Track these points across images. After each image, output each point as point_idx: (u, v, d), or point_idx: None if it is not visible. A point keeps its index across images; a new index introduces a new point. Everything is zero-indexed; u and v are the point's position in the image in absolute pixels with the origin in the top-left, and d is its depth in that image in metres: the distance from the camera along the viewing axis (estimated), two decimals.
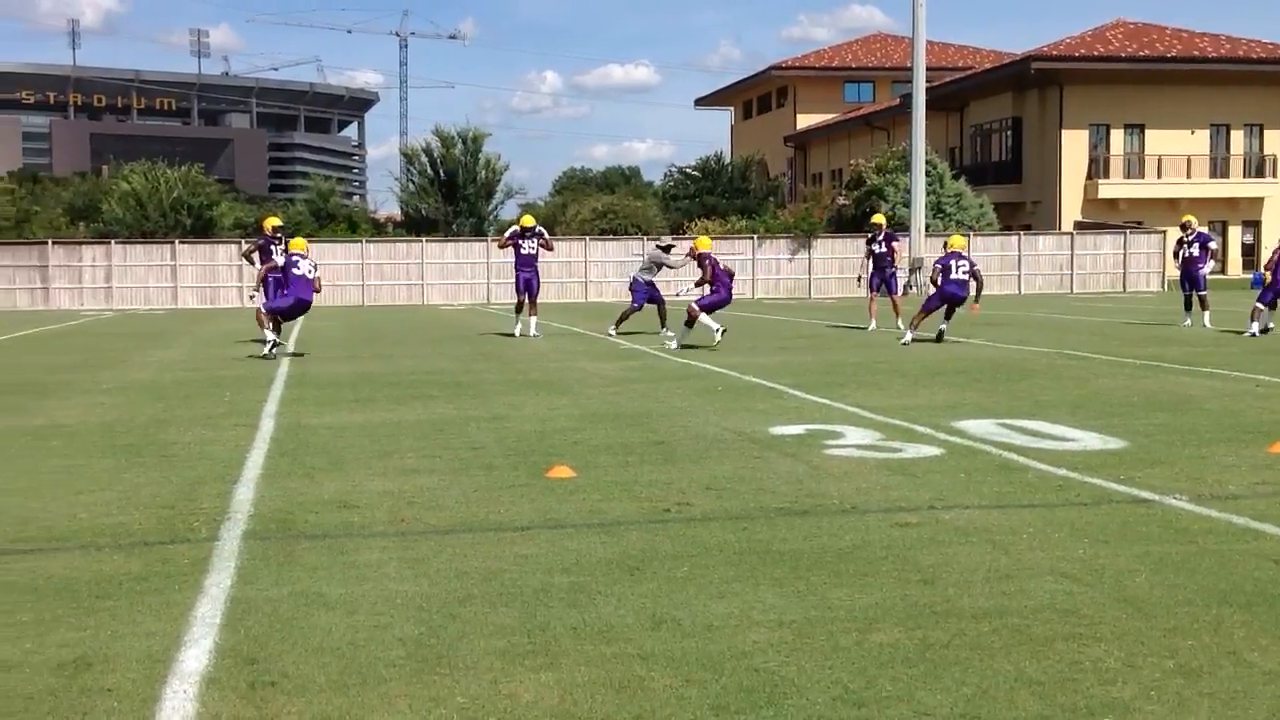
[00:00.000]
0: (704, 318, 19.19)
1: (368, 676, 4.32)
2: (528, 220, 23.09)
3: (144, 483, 8.00)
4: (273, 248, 21.03)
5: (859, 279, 24.64)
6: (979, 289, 19.49)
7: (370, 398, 12.69)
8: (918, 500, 7.14)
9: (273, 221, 22.61)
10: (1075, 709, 3.92)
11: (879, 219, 25.00)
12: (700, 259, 19.84)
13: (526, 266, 22.08)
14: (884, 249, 23.86)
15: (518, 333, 22.05)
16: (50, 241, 44.89)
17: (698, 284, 19.69)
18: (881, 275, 23.81)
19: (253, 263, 21.86)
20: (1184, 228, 23.96)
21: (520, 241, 22.03)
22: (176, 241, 44.72)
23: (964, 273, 19.25)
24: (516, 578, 5.59)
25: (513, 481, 7.93)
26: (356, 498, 7.44)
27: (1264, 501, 6.98)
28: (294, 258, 18.48)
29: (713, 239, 46.44)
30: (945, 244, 20.74)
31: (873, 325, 23.49)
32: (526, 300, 22.18)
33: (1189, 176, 53.58)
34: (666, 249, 23.12)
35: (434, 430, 10.19)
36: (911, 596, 5.18)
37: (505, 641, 4.67)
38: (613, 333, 22.02)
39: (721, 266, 19.93)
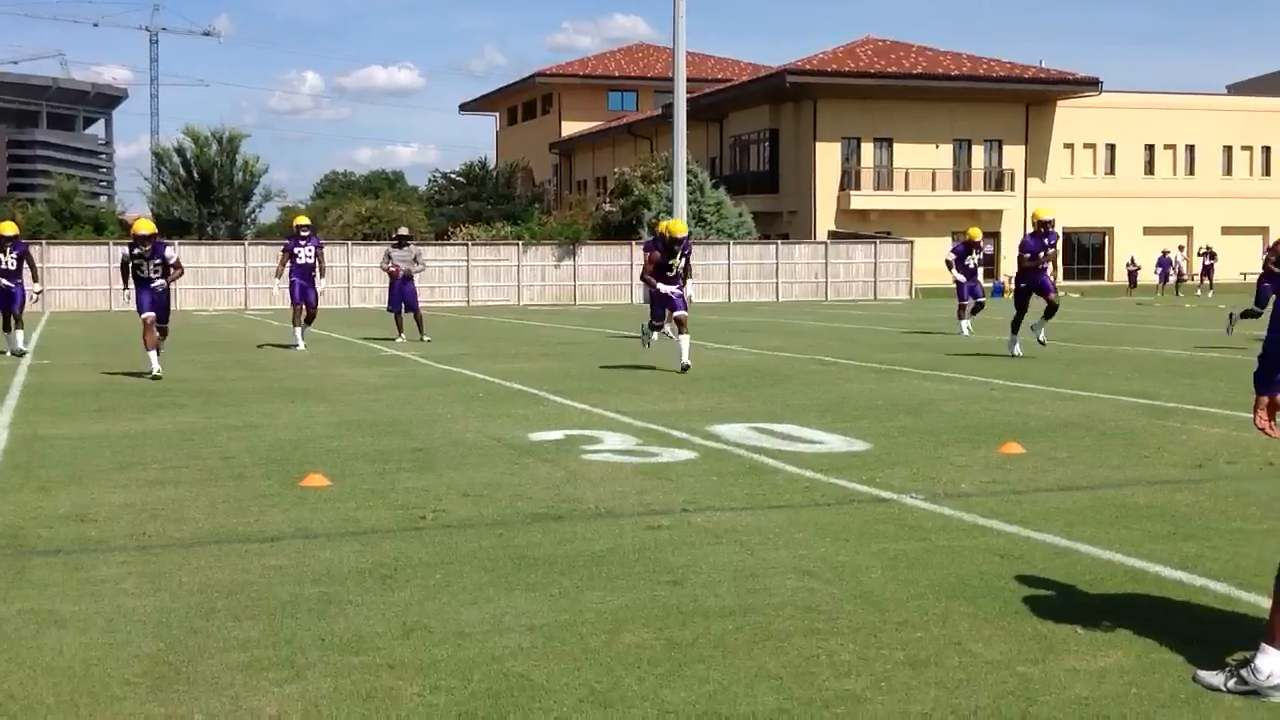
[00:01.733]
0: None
1: (100, 695, 4.16)
2: (301, 219, 22.01)
3: None
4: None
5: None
6: None
7: (114, 407, 12.19)
8: (670, 503, 7.28)
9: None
10: (810, 701, 4.06)
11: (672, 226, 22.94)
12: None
13: (302, 275, 20.58)
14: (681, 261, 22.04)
15: (302, 345, 20.31)
16: None
17: None
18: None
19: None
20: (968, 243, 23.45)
21: (296, 249, 20.56)
22: None
23: None
24: (264, 590, 5.46)
25: (264, 491, 7.74)
26: (95, 511, 7.15)
27: (993, 499, 7.37)
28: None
29: (478, 244, 46.42)
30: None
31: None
32: (305, 310, 20.60)
33: (934, 189, 56.13)
34: (401, 240, 22.92)
35: (182, 440, 9.87)
36: (660, 597, 5.29)
37: (249, 655, 4.56)
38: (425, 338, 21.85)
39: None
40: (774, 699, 4.08)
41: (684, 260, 16.35)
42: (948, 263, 23.64)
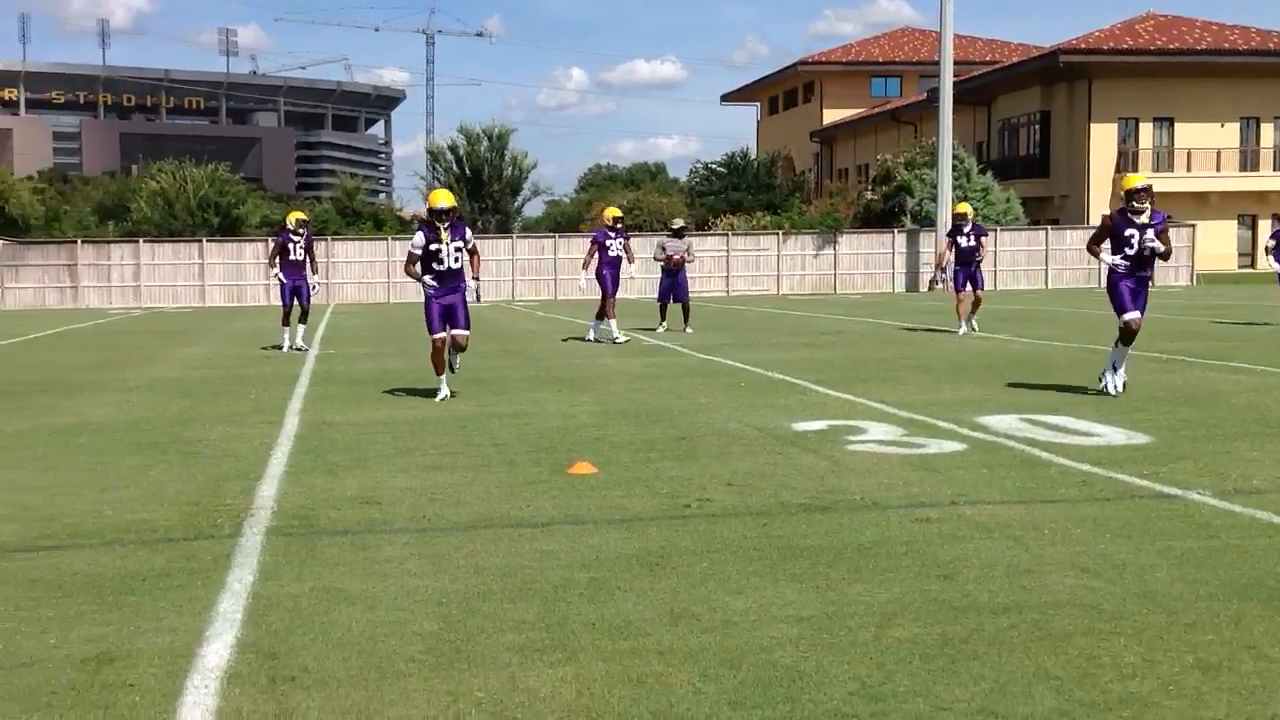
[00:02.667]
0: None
1: (386, 671, 4.34)
2: (295, 215, 20.07)
3: (169, 479, 8.06)
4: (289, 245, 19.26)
5: (935, 279, 22.33)
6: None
7: (394, 395, 12.73)
8: (939, 496, 7.12)
9: (295, 215, 20.34)
10: (1093, 704, 3.90)
11: (964, 208, 21.14)
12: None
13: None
14: (972, 242, 20.38)
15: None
16: (79, 240, 45.26)
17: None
18: (968, 270, 20.44)
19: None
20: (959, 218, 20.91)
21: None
22: (204, 240, 44.99)
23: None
24: (536, 574, 5.60)
25: (534, 478, 7.94)
26: (379, 494, 7.48)
27: None
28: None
29: (738, 234, 46.52)
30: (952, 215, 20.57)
31: (964, 329, 20.36)
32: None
33: (1218, 170, 53.19)
34: (678, 232, 22.95)
35: (456, 427, 10.22)
36: (931, 591, 5.18)
37: (523, 637, 4.69)
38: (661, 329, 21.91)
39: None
40: (1054, 700, 3.94)
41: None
42: (1266, 249, 22.33)
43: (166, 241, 45.16)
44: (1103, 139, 52.71)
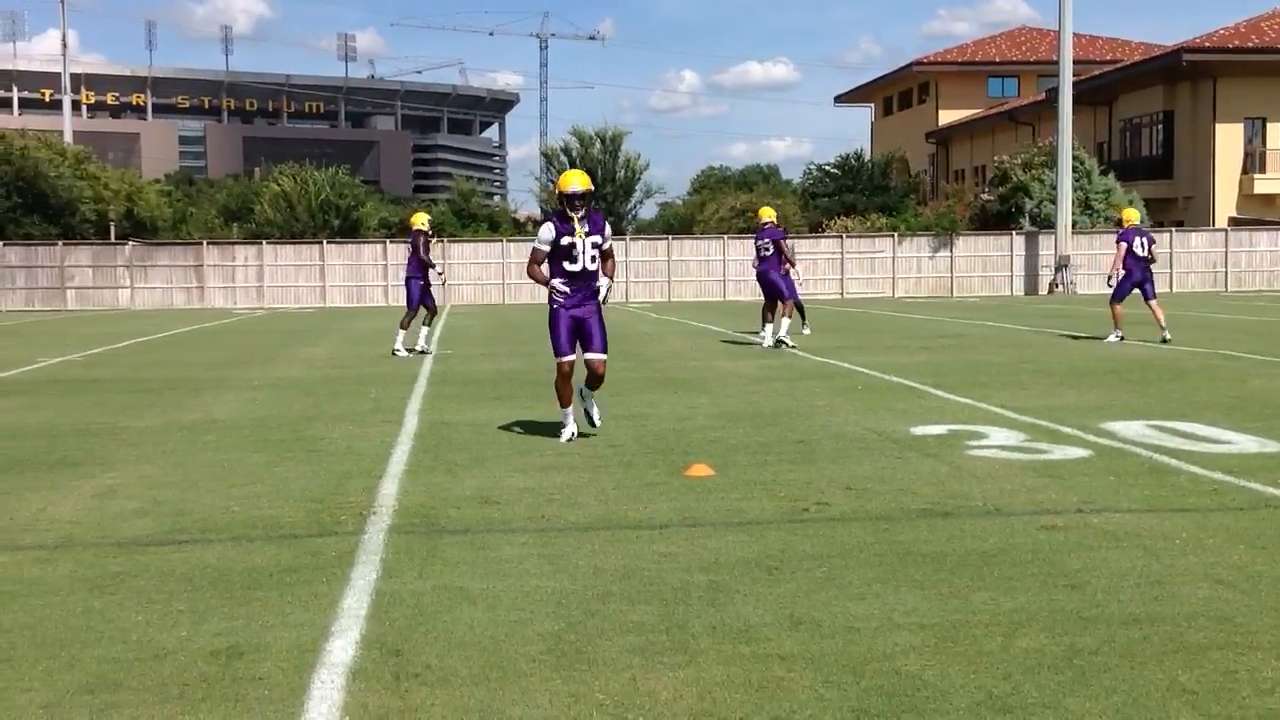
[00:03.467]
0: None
1: (508, 670, 4.37)
2: (418, 220, 19.48)
3: (293, 477, 8.21)
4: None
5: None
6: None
7: (510, 395, 12.84)
8: (1064, 503, 6.97)
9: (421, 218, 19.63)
10: (1230, 719, 3.79)
11: (1133, 214, 20.07)
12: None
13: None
14: (1146, 251, 19.31)
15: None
16: (205, 242, 46.41)
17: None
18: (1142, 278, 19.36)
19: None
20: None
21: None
22: (325, 241, 45.84)
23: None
24: (655, 576, 5.59)
25: (651, 480, 7.94)
26: (497, 494, 7.53)
27: None
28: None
29: (854, 237, 46.13)
30: (1120, 222, 19.58)
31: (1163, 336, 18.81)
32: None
33: None
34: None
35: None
36: (1058, 601, 5.06)
37: (644, 639, 4.68)
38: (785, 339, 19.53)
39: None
40: (1189, 715, 3.83)
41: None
42: None
43: (288, 243, 46.09)
44: (1228, 139, 51.25)
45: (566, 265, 9.39)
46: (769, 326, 19.08)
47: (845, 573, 5.60)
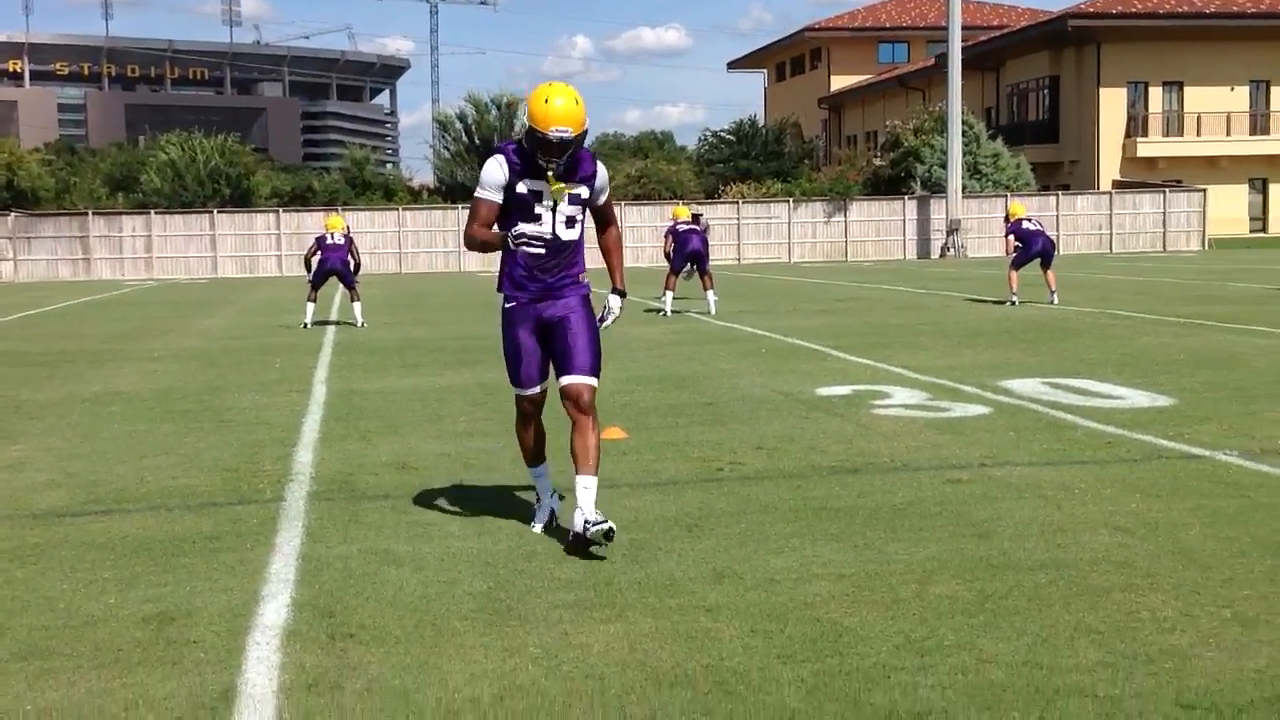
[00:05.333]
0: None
1: (442, 629, 4.45)
2: (337, 221, 18.96)
3: (205, 447, 8.17)
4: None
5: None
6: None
7: (417, 363, 12.84)
8: (968, 458, 7.22)
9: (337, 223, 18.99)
10: (1135, 656, 4.00)
11: (1020, 208, 20.31)
12: None
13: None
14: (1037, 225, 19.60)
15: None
16: (90, 212, 45.35)
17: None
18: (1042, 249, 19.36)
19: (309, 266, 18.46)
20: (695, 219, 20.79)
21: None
22: (215, 211, 45.05)
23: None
24: None
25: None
26: (414, 460, 7.59)
27: None
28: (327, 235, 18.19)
29: (749, 203, 46.51)
30: (1008, 215, 20.19)
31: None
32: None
33: (1229, 134, 53.04)
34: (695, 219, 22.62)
35: (484, 394, 10.32)
36: (967, 550, 5.28)
37: (572, 595, 4.79)
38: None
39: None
40: (1096, 653, 4.04)
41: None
42: None
43: (178, 213, 45.23)
44: (1112, 104, 52.55)
45: (526, 232, 5.49)
46: (669, 294, 19.28)
47: (763, 528, 5.76)
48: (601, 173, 5.72)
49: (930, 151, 47.75)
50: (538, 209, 5.55)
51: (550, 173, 5.44)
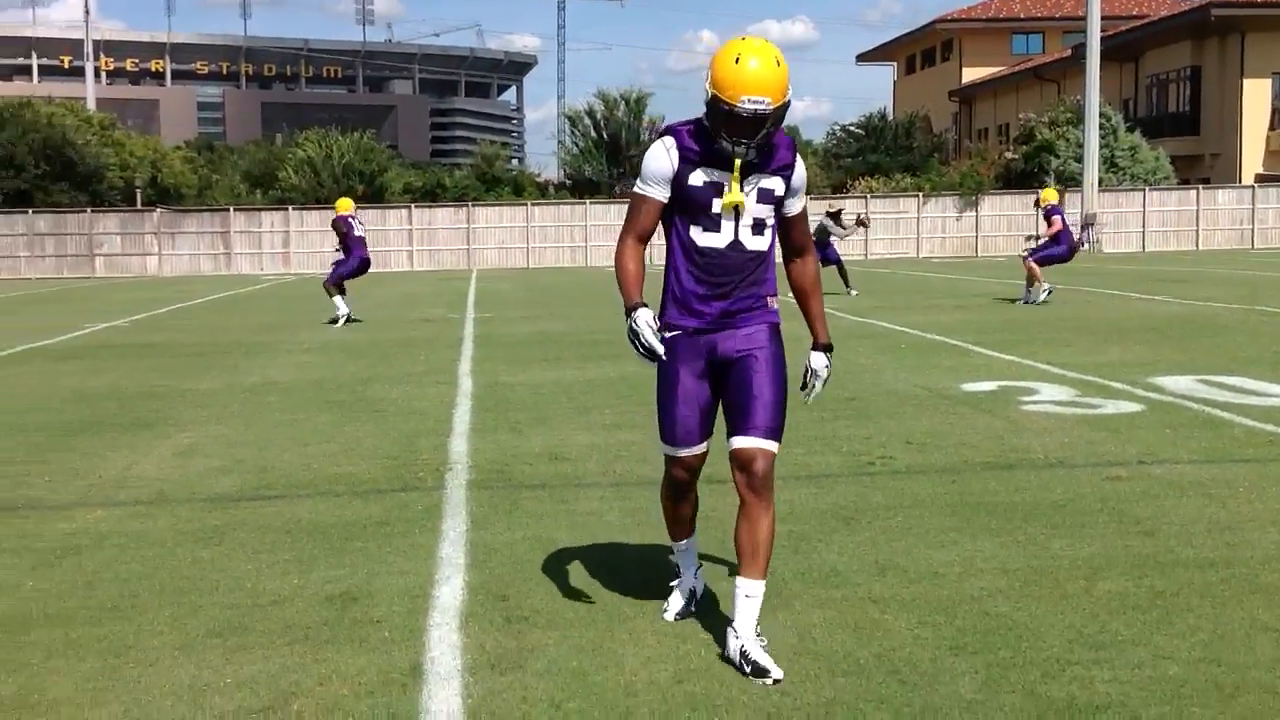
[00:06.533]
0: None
1: (613, 614, 4.56)
2: (347, 205, 19.53)
3: (363, 435, 8.42)
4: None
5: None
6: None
7: (559, 356, 13.03)
8: (1125, 455, 7.14)
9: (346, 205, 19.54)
10: None
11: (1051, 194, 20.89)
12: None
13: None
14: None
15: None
16: (231, 208, 46.63)
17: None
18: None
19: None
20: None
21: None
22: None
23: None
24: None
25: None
26: (565, 451, 7.73)
27: None
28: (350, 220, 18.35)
29: (878, 197, 46.11)
30: (1039, 200, 20.05)
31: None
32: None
33: None
34: (835, 216, 22.67)
35: (628, 388, 10.44)
36: (1133, 547, 5.24)
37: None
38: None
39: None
40: (1275, 650, 4.01)
41: None
42: None
43: (313, 208, 46.26)
44: (1256, 95, 50.97)
45: (699, 238, 4.25)
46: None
47: (920, 522, 5.78)
48: (800, 167, 4.28)
49: (1065, 144, 46.85)
50: (716, 209, 4.16)
51: (738, 159, 4.07)
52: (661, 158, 4.19)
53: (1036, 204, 20.26)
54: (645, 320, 4.13)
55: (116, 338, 16.78)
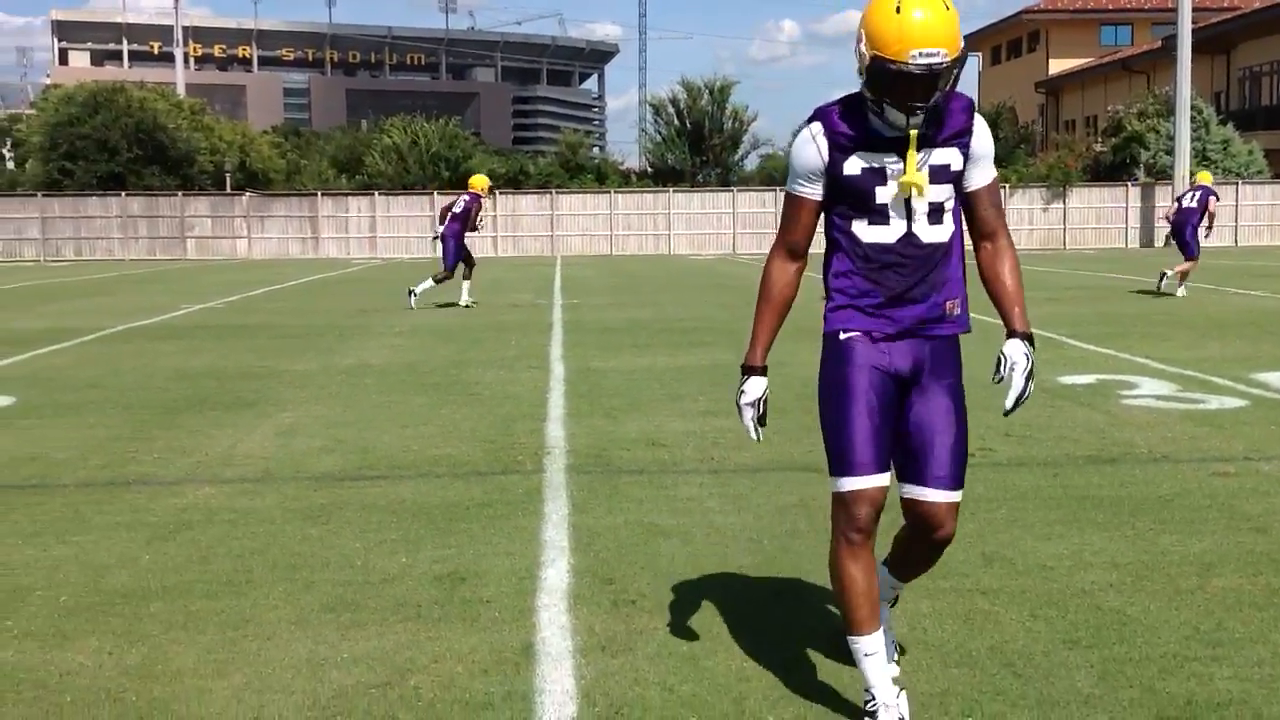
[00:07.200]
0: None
1: (719, 600, 4.58)
2: (481, 182, 19.10)
3: (460, 418, 8.50)
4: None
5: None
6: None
7: (648, 344, 13.06)
8: (1231, 451, 7.02)
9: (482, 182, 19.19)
10: None
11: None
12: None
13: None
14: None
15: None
16: (319, 193, 47.20)
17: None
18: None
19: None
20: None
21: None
22: (435, 193, 46.36)
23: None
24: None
25: (809, 425, 8.06)
26: (661, 437, 7.75)
27: None
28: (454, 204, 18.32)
29: None
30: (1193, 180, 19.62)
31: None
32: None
33: None
34: None
35: (719, 375, 10.45)
36: (1246, 544, 5.16)
37: None
38: None
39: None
40: None
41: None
42: None
43: (400, 194, 46.73)
44: None
45: (863, 233, 3.55)
46: None
47: (1025, 514, 5.73)
48: (982, 130, 3.55)
49: (1155, 137, 46.04)
50: (881, 198, 3.46)
51: (913, 131, 3.36)
52: (809, 149, 3.50)
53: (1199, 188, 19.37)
54: (751, 398, 3.67)
55: (212, 319, 17.08)
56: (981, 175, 3.56)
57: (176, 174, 48.84)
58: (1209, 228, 18.78)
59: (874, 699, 3.43)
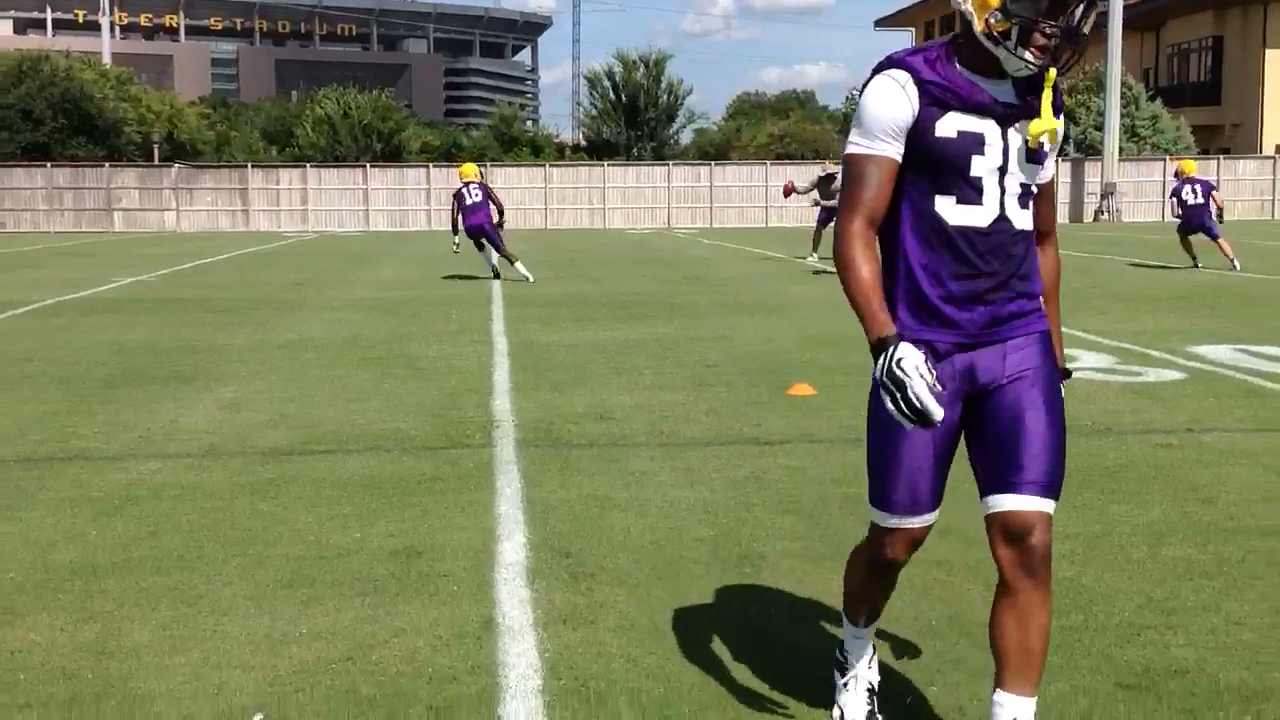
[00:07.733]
0: None
1: (679, 572, 4.58)
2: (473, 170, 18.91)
3: (405, 392, 8.43)
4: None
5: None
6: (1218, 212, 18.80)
7: (590, 317, 13.03)
8: (1172, 423, 7.13)
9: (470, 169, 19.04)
10: None
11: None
12: None
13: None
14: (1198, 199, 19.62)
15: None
16: (249, 165, 46.58)
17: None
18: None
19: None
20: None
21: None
22: (368, 165, 45.95)
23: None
24: (790, 487, 5.79)
25: (755, 398, 8.13)
26: (610, 410, 7.74)
27: None
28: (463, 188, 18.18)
29: None
30: (1179, 171, 19.86)
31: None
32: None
33: None
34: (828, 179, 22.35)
35: (662, 349, 10.45)
36: (1193, 514, 5.24)
37: (799, 544, 4.89)
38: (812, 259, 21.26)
39: None
40: None
41: None
42: None
43: (332, 166, 46.25)
44: (1278, 66, 50.62)
45: (950, 214, 2.90)
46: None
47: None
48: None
49: (1086, 113, 46.60)
50: (976, 170, 2.87)
51: (1052, 71, 2.80)
52: (895, 97, 2.84)
53: (1185, 178, 19.47)
54: (914, 364, 2.68)
55: (145, 292, 16.81)
56: (1051, 164, 3.01)
57: (103, 145, 48.04)
58: (1219, 221, 19.00)
59: (846, 666, 3.46)
